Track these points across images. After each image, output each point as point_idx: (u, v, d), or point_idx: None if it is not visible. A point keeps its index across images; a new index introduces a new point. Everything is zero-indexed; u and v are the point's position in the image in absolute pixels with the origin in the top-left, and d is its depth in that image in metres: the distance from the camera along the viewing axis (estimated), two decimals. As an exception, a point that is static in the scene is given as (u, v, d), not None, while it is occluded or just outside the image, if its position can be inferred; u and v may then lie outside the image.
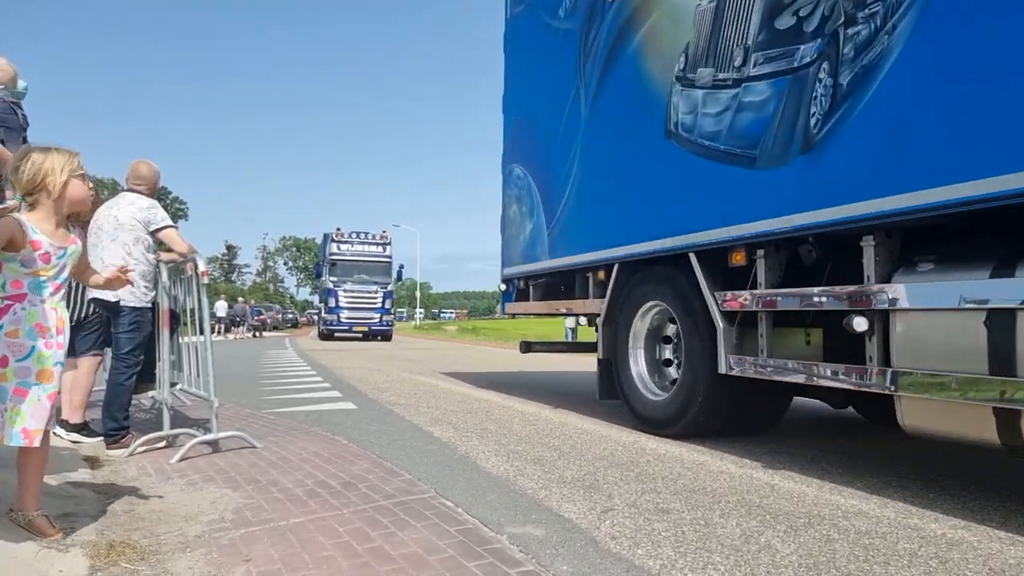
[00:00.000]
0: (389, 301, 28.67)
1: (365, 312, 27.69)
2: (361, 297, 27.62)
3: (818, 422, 6.26)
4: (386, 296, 28.36)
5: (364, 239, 28.63)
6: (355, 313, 27.42)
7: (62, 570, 2.48)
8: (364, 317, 27.67)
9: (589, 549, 2.82)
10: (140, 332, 4.79)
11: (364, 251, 28.52)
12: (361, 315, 27.56)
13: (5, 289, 2.67)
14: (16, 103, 3.82)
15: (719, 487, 3.85)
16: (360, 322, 27.52)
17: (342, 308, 27.33)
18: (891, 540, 2.95)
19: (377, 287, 28.03)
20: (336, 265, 27.86)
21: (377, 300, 28.02)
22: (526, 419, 6.31)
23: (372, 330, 27.79)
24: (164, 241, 5.01)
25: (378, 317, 28.09)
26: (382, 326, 28.24)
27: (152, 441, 4.80)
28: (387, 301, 28.48)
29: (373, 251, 28.69)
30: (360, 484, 3.80)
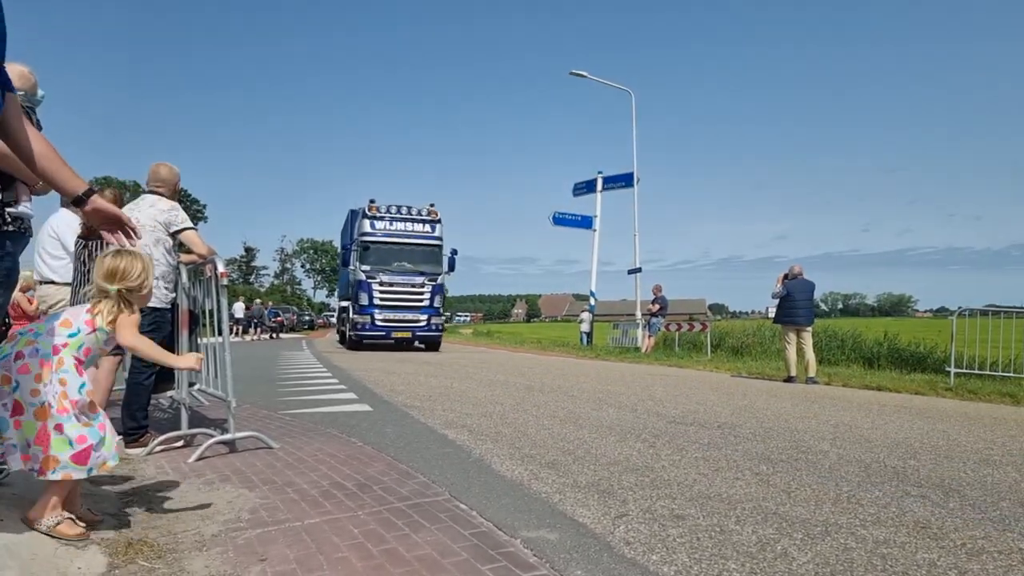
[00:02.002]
0: (439, 298, 21.18)
1: (408, 312, 20.64)
2: (403, 292, 20.52)
3: (836, 429, 6.20)
4: (435, 291, 20.98)
5: (407, 215, 21.14)
6: (395, 313, 20.48)
7: (81, 567, 2.51)
8: (407, 319, 20.66)
9: (603, 554, 2.81)
10: (160, 332, 4.85)
11: (407, 231, 21.08)
12: (403, 316, 20.60)
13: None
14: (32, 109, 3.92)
15: (735, 493, 3.82)
16: (401, 325, 20.62)
17: (377, 307, 20.25)
18: (909, 550, 2.92)
19: (424, 279, 20.73)
20: (369, 250, 20.50)
21: (424, 296, 20.81)
22: (540, 423, 6.30)
23: (417, 336, 21.07)
24: (184, 243, 5.07)
25: (425, 319, 20.87)
26: (429, 330, 21.06)
27: (170, 440, 4.85)
28: (436, 298, 21.07)
29: (419, 231, 21.17)
30: (375, 486, 3.81)
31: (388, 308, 20.39)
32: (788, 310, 11.99)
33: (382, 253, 20.67)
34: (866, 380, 11.42)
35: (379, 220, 20.78)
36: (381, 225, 20.80)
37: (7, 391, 2.65)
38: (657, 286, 20.88)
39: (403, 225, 21.04)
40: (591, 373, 12.86)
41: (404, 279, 20.54)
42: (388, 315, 20.37)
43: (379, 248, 20.63)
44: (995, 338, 11.19)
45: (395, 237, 20.83)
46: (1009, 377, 10.64)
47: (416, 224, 21.24)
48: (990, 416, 7.51)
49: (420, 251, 21.12)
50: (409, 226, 21.14)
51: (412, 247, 21.04)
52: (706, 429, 6.10)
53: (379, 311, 20.31)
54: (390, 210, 20.94)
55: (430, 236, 21.29)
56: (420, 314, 20.79)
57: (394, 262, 20.69)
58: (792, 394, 9.51)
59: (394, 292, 20.44)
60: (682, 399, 8.53)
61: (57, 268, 5.91)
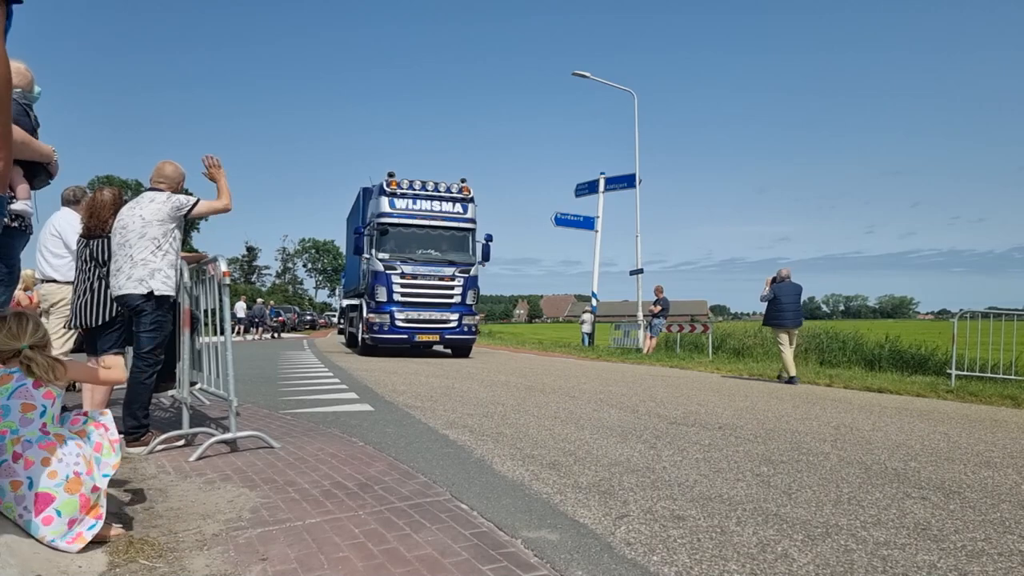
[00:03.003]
0: (472, 293, 17.53)
1: (435, 310, 17.11)
2: (429, 286, 17.03)
3: (837, 431, 6.19)
4: (468, 284, 17.40)
5: (433, 192, 17.67)
6: (419, 312, 16.93)
7: (81, 566, 2.51)
8: (433, 319, 17.10)
9: (604, 555, 2.81)
10: (161, 331, 4.86)
11: (433, 211, 17.52)
12: (429, 315, 17.03)
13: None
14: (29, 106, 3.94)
15: (736, 495, 3.82)
16: (428, 327, 17.05)
17: (398, 304, 16.75)
18: (910, 552, 2.92)
19: (454, 269, 17.24)
20: (388, 234, 17.07)
21: (454, 291, 17.21)
22: (542, 424, 6.30)
23: (445, 339, 17.41)
24: (204, 213, 5.08)
25: (455, 319, 17.27)
26: (460, 332, 17.41)
27: (171, 439, 4.86)
28: (469, 293, 17.43)
29: (447, 211, 17.65)
30: (376, 486, 3.81)
31: (411, 306, 16.85)
32: (776, 313, 12.16)
33: (404, 238, 17.20)
34: (867, 382, 11.41)
35: (400, 198, 17.23)
36: (402, 204, 17.20)
37: (22, 494, 2.63)
38: (659, 287, 20.86)
39: (429, 204, 17.47)
40: (592, 374, 12.85)
41: (430, 270, 17.03)
42: (411, 314, 16.81)
43: (400, 232, 17.14)
44: (996, 341, 11.18)
45: (419, 218, 17.24)
46: (1010, 380, 10.62)
47: (444, 203, 17.57)
48: (991, 418, 7.51)
49: (449, 236, 17.59)
50: (436, 205, 17.50)
51: (440, 231, 17.49)
52: (707, 430, 6.10)
53: (400, 309, 16.75)
54: (413, 186, 17.38)
55: (461, 217, 17.64)
56: (450, 313, 17.21)
57: (418, 249, 17.22)
58: (793, 395, 9.51)
59: (419, 286, 16.90)
60: (683, 400, 8.53)
61: (59, 267, 5.92)
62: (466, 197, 17.83)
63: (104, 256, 5.07)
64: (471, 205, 17.90)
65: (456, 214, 17.65)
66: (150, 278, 4.75)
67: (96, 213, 5.18)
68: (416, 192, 17.43)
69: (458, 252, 17.63)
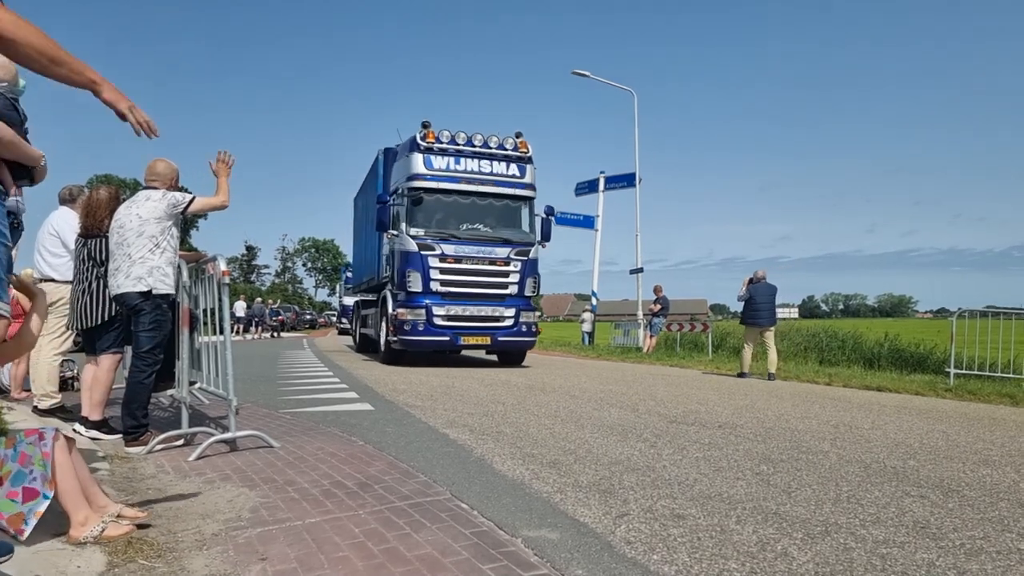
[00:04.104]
0: (531, 282, 13.69)
1: (486, 304, 13.27)
2: (479, 272, 13.17)
3: (836, 429, 6.20)
4: (526, 271, 13.53)
5: (482, 148, 13.58)
6: (466, 306, 13.10)
7: (80, 566, 2.51)
8: (483, 316, 13.22)
9: (604, 553, 2.81)
10: (160, 330, 4.85)
11: (484, 174, 13.54)
12: (478, 311, 13.16)
13: None
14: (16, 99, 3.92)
15: (735, 493, 3.82)
16: (476, 327, 13.19)
17: (437, 295, 12.92)
18: (909, 550, 2.92)
19: (509, 250, 13.38)
20: (423, 203, 13.17)
21: (509, 278, 13.39)
22: (542, 423, 6.30)
23: (498, 342, 13.47)
24: (200, 210, 5.08)
25: (511, 316, 13.38)
26: (518, 333, 13.55)
27: (170, 439, 4.86)
28: (527, 282, 13.58)
29: (501, 174, 13.66)
30: (376, 485, 3.81)
31: (454, 297, 13.01)
32: (751, 312, 12.66)
33: (444, 208, 13.32)
34: (866, 380, 11.42)
35: (439, 155, 13.24)
36: (442, 163, 13.23)
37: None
38: (658, 286, 20.89)
39: (476, 164, 13.47)
40: (592, 373, 12.85)
41: (479, 251, 13.14)
42: (454, 309, 12.94)
43: (439, 200, 13.24)
44: (995, 339, 11.20)
45: (464, 182, 13.31)
46: (1009, 378, 10.64)
47: (496, 163, 13.60)
48: (989, 417, 7.51)
49: (502, 206, 13.67)
50: (485, 166, 13.54)
51: (490, 199, 13.57)
52: (707, 429, 6.10)
53: (439, 302, 12.86)
54: (455, 140, 13.38)
55: (518, 182, 13.71)
56: (503, 308, 13.26)
57: (462, 223, 13.31)
58: (792, 394, 9.51)
59: (464, 271, 13.01)
60: (683, 399, 8.53)
61: (57, 266, 5.91)
62: (523, 156, 13.89)
63: (102, 255, 5.07)
64: (529, 167, 13.88)
65: (511, 178, 13.68)
66: (148, 276, 4.74)
67: (93, 212, 5.18)
68: (460, 148, 13.38)
69: (513, 228, 13.74)
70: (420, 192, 13.11)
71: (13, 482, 2.61)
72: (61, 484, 2.68)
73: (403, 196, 13.31)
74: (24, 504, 2.60)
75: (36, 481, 2.63)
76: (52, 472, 2.66)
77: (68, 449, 2.77)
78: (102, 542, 2.71)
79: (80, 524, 2.71)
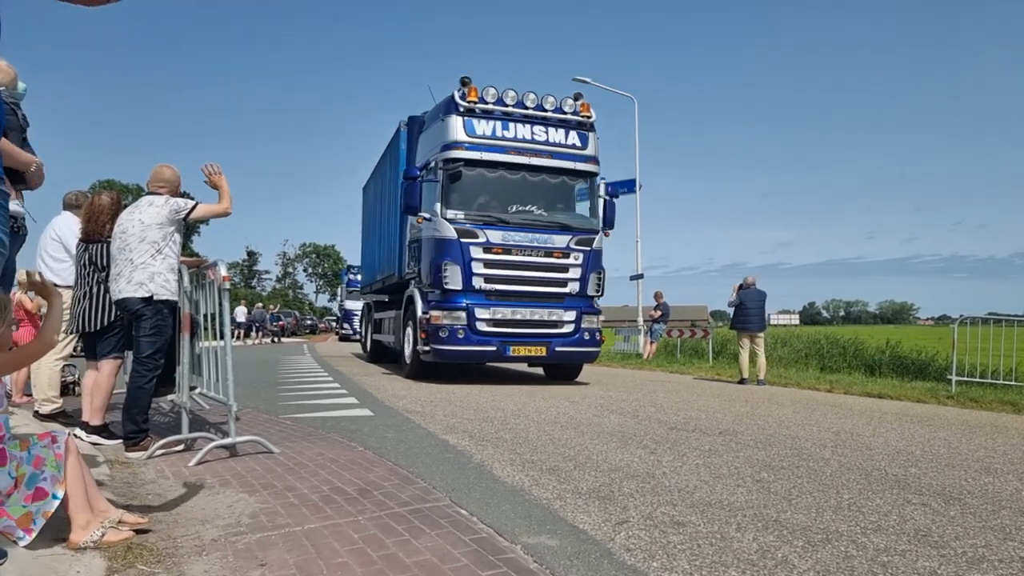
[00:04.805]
0: (595, 280, 11.29)
1: (540, 305, 10.96)
2: (533, 265, 10.85)
3: (837, 437, 6.19)
4: (589, 264, 11.19)
5: (538, 111, 11.18)
6: (516, 309, 10.76)
7: (79, 571, 2.51)
8: (538, 321, 10.93)
9: (604, 561, 2.80)
10: (161, 336, 4.86)
11: (538, 143, 11.14)
12: (532, 314, 10.88)
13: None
14: (16, 104, 3.90)
15: (736, 500, 3.81)
16: (529, 334, 10.85)
17: (481, 294, 10.63)
18: (910, 558, 2.91)
19: (569, 238, 11.08)
20: (464, 178, 10.89)
21: (569, 274, 11.08)
22: (542, 429, 6.29)
23: (556, 352, 11.00)
24: (203, 217, 5.10)
25: (571, 320, 11.06)
26: (579, 342, 11.14)
27: (170, 444, 4.85)
28: (591, 279, 11.21)
29: (560, 144, 11.29)
30: (375, 491, 3.81)
31: (502, 297, 10.62)
32: (741, 318, 12.88)
33: (490, 185, 10.93)
34: (867, 388, 11.41)
35: (484, 118, 10.82)
36: (486, 128, 10.79)
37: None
38: (658, 292, 20.89)
39: (528, 131, 11.00)
40: (592, 379, 12.84)
41: (533, 239, 10.74)
42: (502, 311, 10.55)
43: (483, 175, 10.83)
44: (996, 346, 11.19)
45: (514, 152, 10.84)
46: (1011, 385, 10.62)
47: (553, 130, 11.16)
48: (991, 424, 7.50)
49: (559, 184, 11.32)
50: (540, 133, 11.04)
51: (545, 174, 11.13)
52: (707, 436, 6.09)
53: (484, 304, 10.49)
54: (503, 99, 10.90)
55: (579, 154, 11.25)
56: (563, 311, 10.88)
57: (512, 203, 10.95)
58: (793, 401, 9.50)
59: (513, 264, 10.63)
60: (683, 405, 8.53)
61: (59, 270, 5.92)
62: (585, 121, 11.36)
63: (103, 260, 5.08)
64: (592, 136, 11.42)
65: (572, 149, 11.22)
66: (150, 281, 4.75)
67: (95, 218, 5.19)
68: (508, 110, 10.93)
69: (572, 210, 11.49)
70: (460, 164, 10.65)
71: (28, 484, 2.62)
72: (69, 486, 2.69)
73: (437, 170, 10.83)
74: (32, 504, 2.61)
75: (46, 481, 2.65)
76: (64, 474, 2.68)
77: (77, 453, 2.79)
78: (102, 547, 2.70)
79: (81, 529, 2.71)
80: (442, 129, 10.94)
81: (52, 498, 2.64)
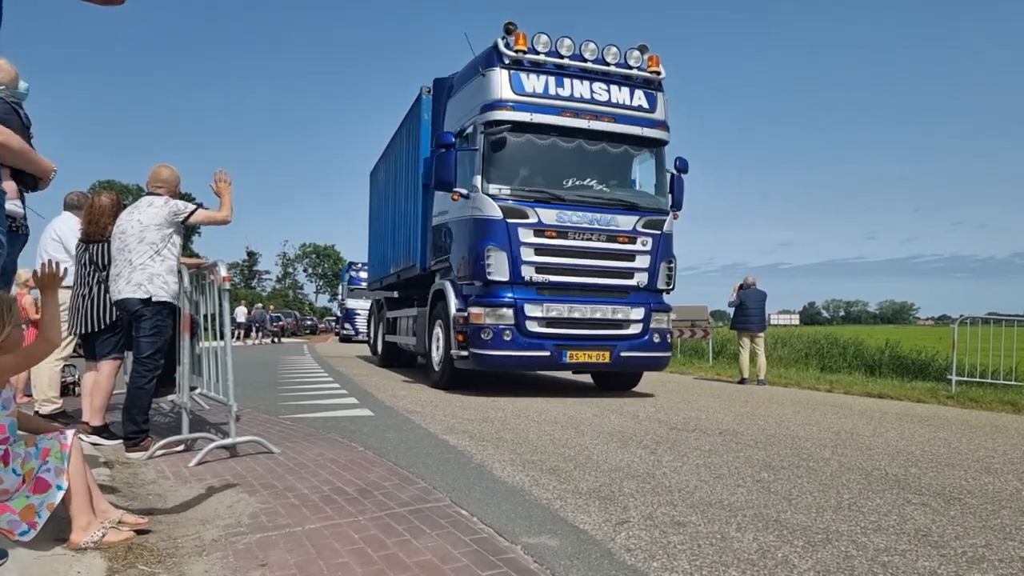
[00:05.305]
0: (665, 268, 9.37)
1: (601, 301, 9.06)
2: (592, 252, 9.00)
3: (837, 437, 6.19)
4: (659, 251, 9.28)
5: (598, 64, 9.19)
6: (574, 306, 8.88)
7: (80, 571, 2.51)
8: (601, 321, 9.01)
9: (604, 561, 2.81)
10: (161, 336, 4.86)
11: (597, 102, 9.15)
12: (592, 312, 8.95)
13: None
14: (17, 104, 3.87)
15: (736, 500, 3.81)
16: (589, 336, 8.94)
17: (532, 288, 8.76)
18: (910, 558, 2.91)
19: (636, 219, 9.19)
20: (508, 147, 8.96)
21: (636, 262, 9.22)
22: (542, 429, 6.29)
23: (621, 358, 9.01)
24: (201, 222, 5.11)
25: (638, 319, 9.14)
26: (649, 347, 9.21)
27: (171, 445, 4.85)
28: (660, 269, 9.31)
29: (624, 104, 9.31)
30: (376, 491, 3.81)
31: (557, 292, 8.90)
32: (742, 318, 12.95)
33: (540, 154, 9.21)
34: (867, 387, 11.42)
35: (535, 72, 8.99)
36: (538, 83, 8.99)
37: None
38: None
39: (587, 89, 9.19)
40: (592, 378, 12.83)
41: (594, 219, 8.99)
42: (558, 308, 8.83)
43: (533, 141, 9.08)
44: (996, 346, 11.19)
45: (571, 114, 9.04)
46: (1011, 385, 10.62)
47: (617, 88, 9.31)
48: (991, 424, 7.50)
49: (622, 154, 9.54)
50: (601, 91, 9.23)
51: (605, 142, 9.32)
52: (707, 436, 6.10)
53: (535, 299, 8.79)
54: (557, 50, 9.08)
55: (647, 118, 9.44)
56: (629, 307, 9.14)
57: (568, 177, 9.21)
58: (793, 401, 9.51)
59: (570, 251, 8.92)
60: (683, 405, 8.52)
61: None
62: (653, 78, 9.50)
63: (103, 260, 5.08)
64: (660, 97, 9.57)
65: (638, 111, 9.38)
66: (148, 283, 4.75)
67: (95, 219, 5.19)
68: (564, 63, 9.07)
69: (628, 189, 9.68)
70: (505, 128, 8.81)
71: (33, 477, 2.63)
72: (72, 483, 2.69)
73: (477, 135, 9.00)
74: (35, 496, 2.60)
75: (49, 472, 2.64)
76: (68, 465, 2.68)
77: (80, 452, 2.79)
78: (102, 548, 2.70)
79: (82, 529, 2.71)
80: (482, 86, 9.10)
81: (56, 489, 2.63)
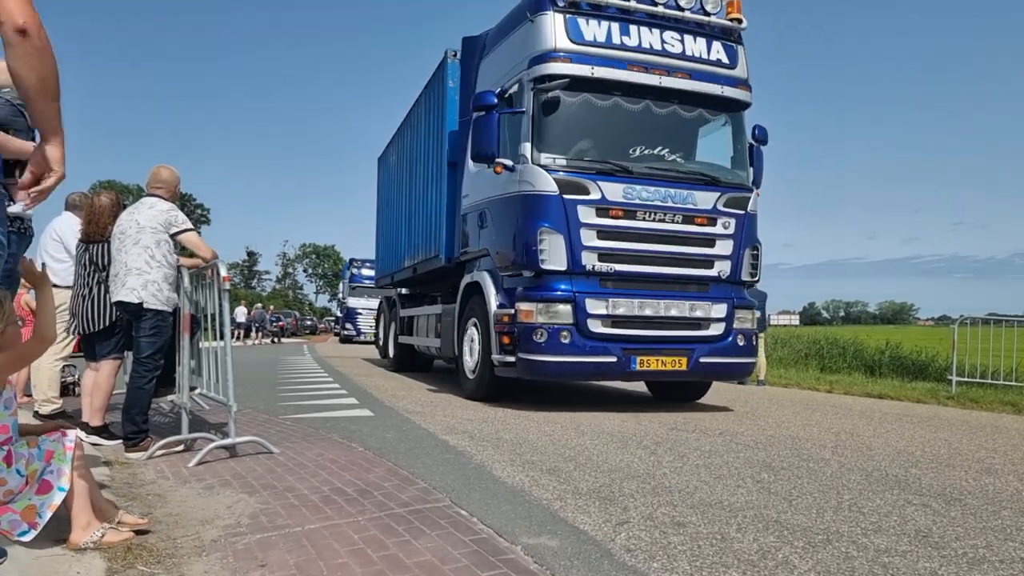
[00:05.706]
0: (750, 256, 7.80)
1: (677, 298, 7.47)
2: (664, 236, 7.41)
3: (838, 437, 6.19)
4: (743, 233, 7.68)
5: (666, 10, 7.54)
6: (644, 302, 7.30)
7: (79, 572, 2.51)
8: (676, 320, 7.47)
9: (604, 561, 2.80)
10: (161, 336, 4.86)
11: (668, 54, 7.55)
12: (666, 310, 7.40)
13: None
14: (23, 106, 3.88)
15: (736, 501, 3.81)
16: (661, 339, 7.40)
17: (595, 279, 7.23)
18: (911, 559, 2.91)
19: (716, 196, 7.62)
20: (562, 109, 7.38)
21: (716, 248, 7.66)
22: (542, 429, 6.29)
23: (699, 364, 7.46)
24: (186, 245, 5.09)
25: (720, 317, 7.62)
26: (730, 352, 7.66)
27: (170, 445, 4.85)
28: (744, 256, 7.73)
29: (697, 57, 7.67)
30: (376, 491, 3.80)
31: (624, 284, 7.46)
32: None
33: (601, 116, 7.67)
34: (867, 388, 11.42)
35: (595, 16, 7.43)
36: (598, 31, 7.44)
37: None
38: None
39: (657, 37, 7.66)
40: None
41: (666, 196, 7.51)
42: (626, 305, 7.37)
43: (592, 102, 7.54)
44: (996, 347, 11.19)
45: (639, 67, 7.53)
46: (1011, 386, 10.62)
47: (691, 39, 7.80)
48: (992, 425, 7.50)
49: (695, 118, 8.04)
50: (673, 41, 7.71)
51: (676, 103, 7.79)
52: (707, 436, 6.09)
53: (598, 293, 7.31)
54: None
55: (727, 75, 7.94)
56: (710, 303, 7.71)
57: (635, 145, 7.67)
58: (794, 402, 9.51)
59: (638, 235, 7.44)
60: (683, 406, 8.52)
61: (59, 271, 5.92)
62: (734, 29, 8.04)
63: (103, 261, 5.08)
64: (741, 51, 8.08)
65: (717, 67, 7.89)
66: (142, 289, 4.74)
67: (96, 220, 5.19)
68: (631, 5, 7.51)
69: (712, 159, 8.23)
70: (562, 83, 7.31)
71: (37, 479, 2.62)
72: (74, 484, 2.69)
73: (524, 94, 7.48)
74: (37, 497, 2.60)
75: (52, 474, 2.64)
76: (71, 467, 2.68)
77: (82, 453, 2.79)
78: (102, 548, 2.70)
79: (82, 529, 2.71)
80: (531, 34, 7.52)
81: (58, 491, 2.63)
